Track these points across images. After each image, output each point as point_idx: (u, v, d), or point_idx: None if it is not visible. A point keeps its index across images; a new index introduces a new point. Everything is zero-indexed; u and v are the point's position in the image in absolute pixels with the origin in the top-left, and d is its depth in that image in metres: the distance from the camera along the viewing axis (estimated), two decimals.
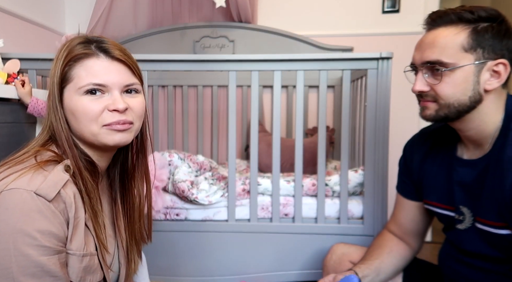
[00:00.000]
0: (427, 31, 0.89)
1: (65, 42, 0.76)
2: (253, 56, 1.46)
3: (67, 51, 0.73)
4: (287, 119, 2.44)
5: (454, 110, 0.86)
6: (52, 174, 0.67)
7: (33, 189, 0.63)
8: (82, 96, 0.72)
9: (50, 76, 0.75)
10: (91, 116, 0.72)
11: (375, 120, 1.44)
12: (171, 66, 1.49)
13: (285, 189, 1.52)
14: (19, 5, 2.03)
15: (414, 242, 1.15)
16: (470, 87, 0.84)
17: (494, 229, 0.88)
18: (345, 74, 1.46)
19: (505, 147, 0.84)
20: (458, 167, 0.96)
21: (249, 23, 2.43)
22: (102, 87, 0.72)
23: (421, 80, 0.88)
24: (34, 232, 0.62)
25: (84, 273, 0.70)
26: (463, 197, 0.95)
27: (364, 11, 2.41)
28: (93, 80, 0.71)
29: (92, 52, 0.73)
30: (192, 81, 2.45)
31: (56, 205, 0.65)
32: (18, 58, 1.42)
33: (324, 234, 1.48)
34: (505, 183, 0.82)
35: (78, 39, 0.76)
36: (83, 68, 0.72)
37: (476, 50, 0.83)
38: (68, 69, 0.73)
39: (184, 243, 1.51)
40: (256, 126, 1.51)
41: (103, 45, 0.74)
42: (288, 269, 1.51)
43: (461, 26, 0.84)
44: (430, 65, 0.85)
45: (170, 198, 1.53)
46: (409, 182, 1.12)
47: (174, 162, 1.69)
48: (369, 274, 1.07)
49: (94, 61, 0.73)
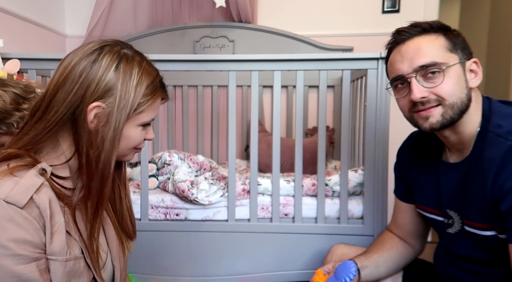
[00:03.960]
0: (401, 44, 0.89)
1: (140, 68, 0.74)
2: (253, 56, 1.46)
3: (152, 85, 0.75)
4: (287, 119, 2.44)
5: (457, 111, 0.85)
6: (24, 179, 0.64)
7: (2, 197, 0.61)
8: (138, 127, 0.76)
9: (120, 96, 0.70)
10: (136, 144, 0.78)
11: (375, 120, 1.44)
12: (171, 66, 1.49)
13: (285, 189, 1.52)
14: (19, 5, 2.03)
15: (415, 243, 1.15)
16: (464, 85, 0.86)
17: (480, 231, 0.88)
18: (345, 74, 1.46)
19: (484, 148, 0.85)
20: (445, 171, 0.97)
21: (249, 23, 2.43)
22: (151, 120, 0.79)
23: (418, 87, 0.85)
24: (7, 242, 0.60)
25: (69, 277, 0.69)
26: (449, 201, 0.95)
27: (364, 11, 2.41)
28: (154, 117, 0.78)
29: (161, 90, 0.78)
30: (192, 81, 2.45)
31: (30, 211, 0.63)
32: (18, 58, 1.42)
33: (324, 234, 1.48)
34: (486, 184, 0.82)
35: (153, 70, 0.77)
36: (151, 104, 0.76)
37: (457, 51, 0.87)
38: (145, 101, 0.74)
39: (184, 243, 1.51)
40: (256, 126, 1.51)
41: (163, 81, 0.80)
42: (288, 269, 1.51)
43: (433, 33, 0.87)
44: (425, 69, 0.85)
45: (170, 198, 1.53)
46: (403, 186, 1.13)
47: (174, 162, 1.69)
48: (368, 266, 1.08)
49: (157, 99, 0.78)
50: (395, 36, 0.91)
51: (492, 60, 3.21)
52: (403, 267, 1.16)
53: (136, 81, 0.72)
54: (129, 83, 0.71)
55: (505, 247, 0.84)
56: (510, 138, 0.80)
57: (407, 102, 0.89)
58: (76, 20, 2.54)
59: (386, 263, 1.11)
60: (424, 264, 1.19)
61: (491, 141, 0.84)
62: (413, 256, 1.16)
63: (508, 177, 0.78)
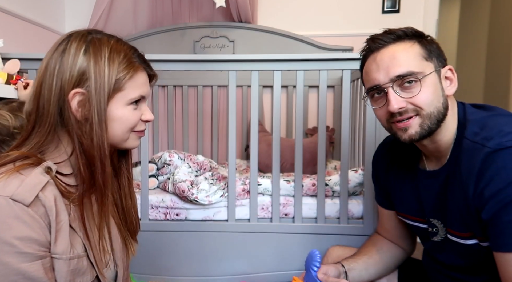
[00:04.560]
0: (376, 51, 0.87)
1: (109, 47, 0.73)
2: (253, 56, 1.46)
3: (126, 60, 0.74)
4: (287, 119, 2.45)
5: (435, 120, 0.84)
6: (30, 178, 0.64)
7: (9, 195, 0.61)
8: (128, 106, 0.75)
9: (95, 79, 0.70)
10: (132, 125, 0.76)
11: (375, 120, 1.44)
12: (171, 66, 1.49)
13: (285, 189, 1.52)
14: (19, 5, 2.03)
15: (405, 245, 1.15)
16: (440, 93, 0.85)
17: (463, 239, 0.87)
18: (345, 74, 1.46)
19: (461, 156, 0.84)
20: (423, 179, 0.95)
21: (249, 23, 2.43)
22: (143, 98, 0.78)
23: (396, 98, 0.83)
24: (13, 240, 0.60)
25: (73, 276, 0.69)
26: (432, 209, 0.94)
27: (364, 11, 2.42)
28: (141, 93, 0.76)
29: (141, 65, 0.77)
30: (192, 81, 2.45)
31: (36, 210, 0.63)
32: (18, 58, 1.42)
33: (324, 234, 1.48)
34: (467, 192, 0.81)
35: (126, 47, 0.77)
36: (133, 80, 0.75)
37: (432, 59, 0.85)
38: (122, 76, 0.73)
39: (184, 243, 1.51)
40: (256, 126, 1.51)
41: (144, 58, 0.79)
42: (288, 269, 1.50)
43: (408, 41, 0.85)
44: (401, 79, 0.83)
45: (170, 198, 1.53)
46: (383, 194, 1.13)
47: (174, 162, 1.69)
48: (356, 268, 1.08)
49: (140, 74, 0.77)
50: (370, 43, 0.89)
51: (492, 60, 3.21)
52: (395, 268, 1.15)
53: (107, 59, 0.71)
54: (101, 62, 0.71)
55: (487, 255, 0.83)
56: (487, 144, 0.78)
57: (384, 112, 0.87)
58: (76, 20, 2.54)
59: (376, 265, 1.11)
60: (419, 263, 1.18)
61: (467, 148, 0.82)
62: (405, 257, 1.16)
63: (487, 184, 0.77)
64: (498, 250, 0.78)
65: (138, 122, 0.78)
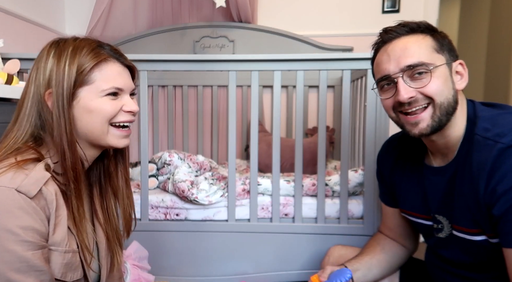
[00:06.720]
0: (388, 43, 0.88)
1: (73, 45, 0.76)
2: (253, 56, 1.46)
3: (90, 51, 0.75)
4: (287, 119, 2.44)
5: (444, 112, 0.84)
6: (34, 172, 0.68)
7: (15, 186, 0.64)
8: (103, 98, 0.76)
9: (56, 77, 0.73)
10: (109, 115, 0.77)
11: (375, 120, 1.44)
12: (171, 66, 1.49)
13: (285, 189, 1.52)
14: (19, 5, 2.03)
15: (408, 243, 1.15)
16: (450, 86, 0.85)
17: (470, 235, 0.87)
18: (345, 74, 1.46)
19: (471, 152, 0.83)
20: (429, 175, 0.95)
21: (249, 23, 2.43)
22: (120, 91, 0.78)
23: (405, 87, 0.83)
24: (16, 228, 0.63)
25: (66, 269, 0.72)
26: (437, 206, 0.94)
27: (364, 11, 2.42)
28: (115, 84, 0.77)
29: (109, 57, 0.78)
30: (192, 81, 2.45)
31: (37, 202, 0.66)
32: (18, 58, 1.41)
33: (324, 234, 1.48)
34: (478, 189, 0.80)
35: (91, 42, 0.78)
36: (103, 72, 0.76)
37: (444, 52, 0.85)
38: (87, 71, 0.74)
39: (184, 243, 1.51)
40: (256, 126, 1.51)
41: (115, 50, 0.80)
42: (288, 269, 1.51)
43: (421, 34, 0.86)
44: (412, 69, 0.83)
45: (170, 198, 1.53)
46: (387, 191, 1.13)
47: (174, 162, 1.69)
48: (360, 268, 1.08)
49: (111, 66, 0.78)
50: (382, 35, 0.90)
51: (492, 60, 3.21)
52: (398, 267, 1.16)
53: (69, 56, 0.74)
54: (62, 60, 0.74)
55: (495, 252, 0.83)
56: (500, 140, 0.78)
57: (392, 102, 0.87)
58: (76, 20, 2.54)
59: (380, 264, 1.11)
60: (421, 263, 1.18)
61: (478, 144, 0.82)
62: (407, 256, 1.16)
63: (500, 180, 0.77)
64: (508, 246, 0.78)
65: (116, 113, 0.78)
